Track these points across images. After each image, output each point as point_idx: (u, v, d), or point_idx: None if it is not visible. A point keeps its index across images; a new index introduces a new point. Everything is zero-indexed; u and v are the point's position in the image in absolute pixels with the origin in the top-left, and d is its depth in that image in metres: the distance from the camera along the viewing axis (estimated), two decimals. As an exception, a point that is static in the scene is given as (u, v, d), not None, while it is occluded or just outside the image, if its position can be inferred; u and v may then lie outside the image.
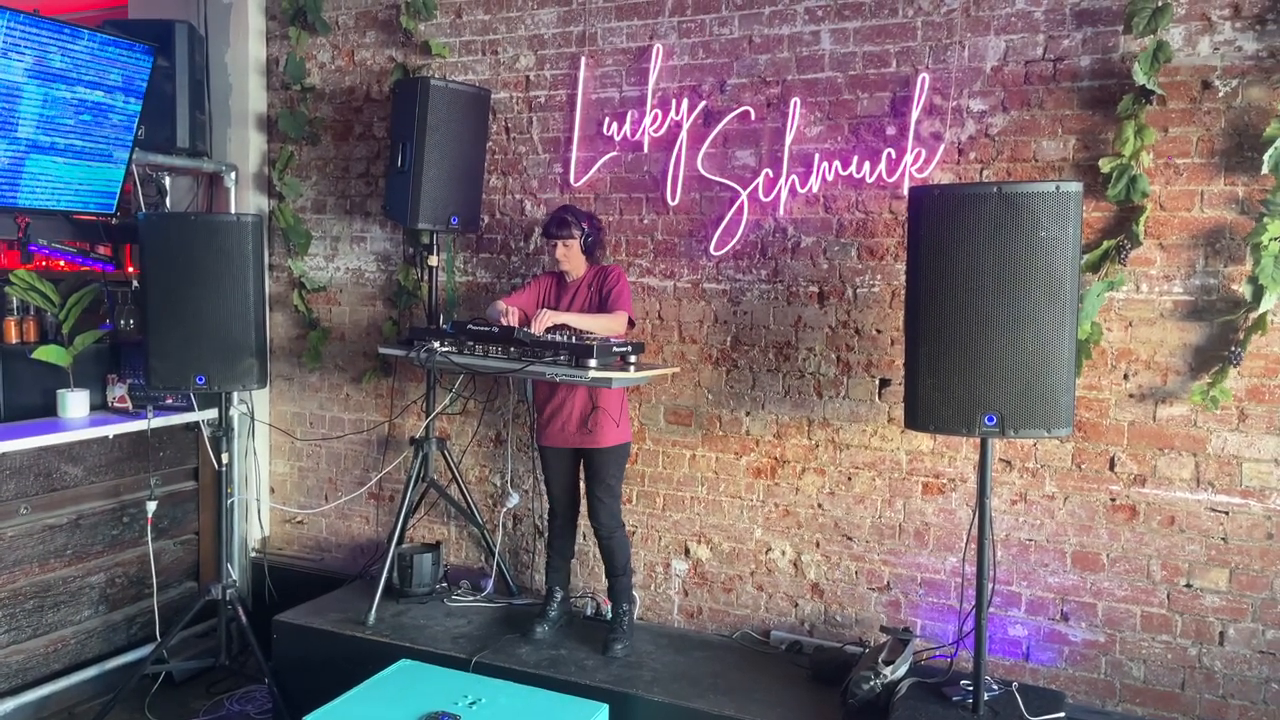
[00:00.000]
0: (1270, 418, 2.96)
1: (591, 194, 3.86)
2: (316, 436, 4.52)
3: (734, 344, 3.66)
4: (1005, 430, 2.67)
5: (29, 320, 3.97)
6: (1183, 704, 3.10)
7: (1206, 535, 3.05)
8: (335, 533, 4.53)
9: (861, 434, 3.48)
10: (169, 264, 3.56)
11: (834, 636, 3.54)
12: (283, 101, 4.46)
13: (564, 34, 3.88)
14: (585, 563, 3.93)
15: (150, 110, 3.85)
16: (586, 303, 3.54)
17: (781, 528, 3.61)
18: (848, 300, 3.47)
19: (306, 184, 4.47)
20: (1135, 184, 3.00)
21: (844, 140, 3.44)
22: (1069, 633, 3.22)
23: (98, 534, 3.90)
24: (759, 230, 3.59)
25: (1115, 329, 3.12)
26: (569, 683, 3.23)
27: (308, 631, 3.70)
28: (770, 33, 3.53)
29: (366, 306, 4.39)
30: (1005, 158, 3.24)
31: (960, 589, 3.29)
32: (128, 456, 3.97)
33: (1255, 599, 3.00)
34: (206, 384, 3.60)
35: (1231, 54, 2.95)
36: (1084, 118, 3.13)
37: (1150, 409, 3.10)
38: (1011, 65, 3.21)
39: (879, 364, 3.43)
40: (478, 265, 4.13)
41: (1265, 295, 2.85)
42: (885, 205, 3.40)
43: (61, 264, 4.23)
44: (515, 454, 4.08)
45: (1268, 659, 2.99)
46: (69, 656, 3.80)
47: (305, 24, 4.31)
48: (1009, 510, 3.27)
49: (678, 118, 3.67)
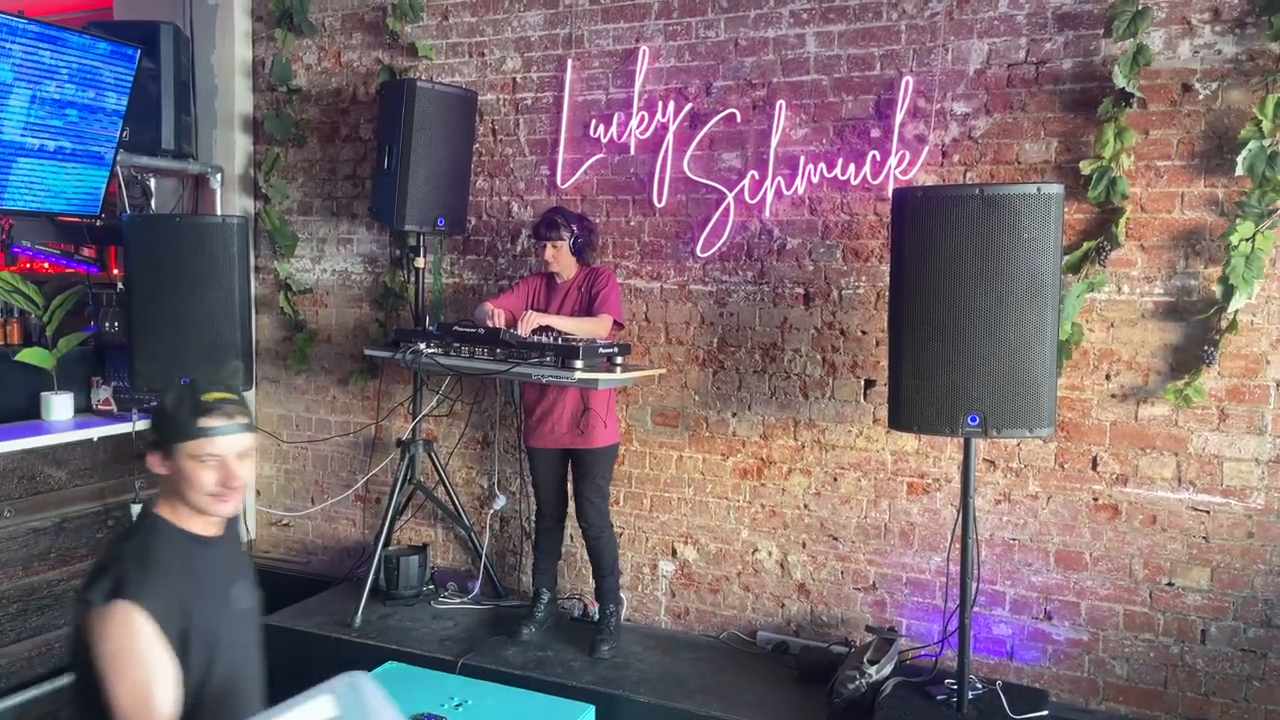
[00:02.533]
0: (1250, 417, 2.99)
1: (578, 196, 3.87)
2: (303, 439, 4.51)
3: (720, 345, 3.67)
4: (988, 430, 2.68)
5: (12, 322, 3.95)
6: (1165, 702, 3.12)
7: (1188, 534, 3.07)
8: (321, 535, 4.52)
9: (847, 435, 3.49)
10: (154, 266, 3.55)
11: (820, 636, 3.55)
12: (269, 103, 4.45)
13: (550, 36, 3.89)
14: (572, 564, 3.93)
15: (135, 112, 3.83)
16: (576, 304, 3.54)
17: (768, 528, 3.63)
18: (833, 301, 3.49)
19: (293, 186, 4.46)
20: (1115, 186, 3.02)
21: (829, 142, 3.46)
22: (1052, 631, 3.24)
23: (82, 537, 3.88)
24: (745, 232, 3.60)
25: (1097, 329, 3.15)
26: (556, 684, 3.24)
27: (293, 634, 3.69)
28: (756, 35, 3.55)
29: (353, 308, 4.38)
30: (988, 160, 3.26)
31: (945, 588, 3.31)
32: (112, 459, 3.95)
33: (1236, 597, 3.03)
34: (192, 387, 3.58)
35: (1211, 57, 2.98)
36: (1066, 120, 3.15)
37: (1132, 409, 3.12)
38: (994, 68, 3.24)
39: (864, 365, 3.45)
40: (464, 267, 4.13)
41: (1235, 295, 2.88)
42: (870, 207, 3.42)
43: (45, 266, 4.21)
44: (502, 456, 4.08)
45: (1249, 657, 3.02)
46: (53, 660, 3.77)
47: (291, 26, 4.31)
48: (993, 510, 3.29)
49: (664, 120, 3.68)
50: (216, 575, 1.95)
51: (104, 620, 1.74)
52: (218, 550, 1.98)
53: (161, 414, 1.91)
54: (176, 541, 1.90)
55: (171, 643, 1.77)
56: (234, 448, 1.89)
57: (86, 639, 1.76)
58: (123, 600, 1.74)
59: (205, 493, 1.88)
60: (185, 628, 1.80)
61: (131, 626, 1.73)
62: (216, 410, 1.88)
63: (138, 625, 1.73)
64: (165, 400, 1.91)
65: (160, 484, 1.94)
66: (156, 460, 1.90)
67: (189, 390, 1.91)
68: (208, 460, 1.87)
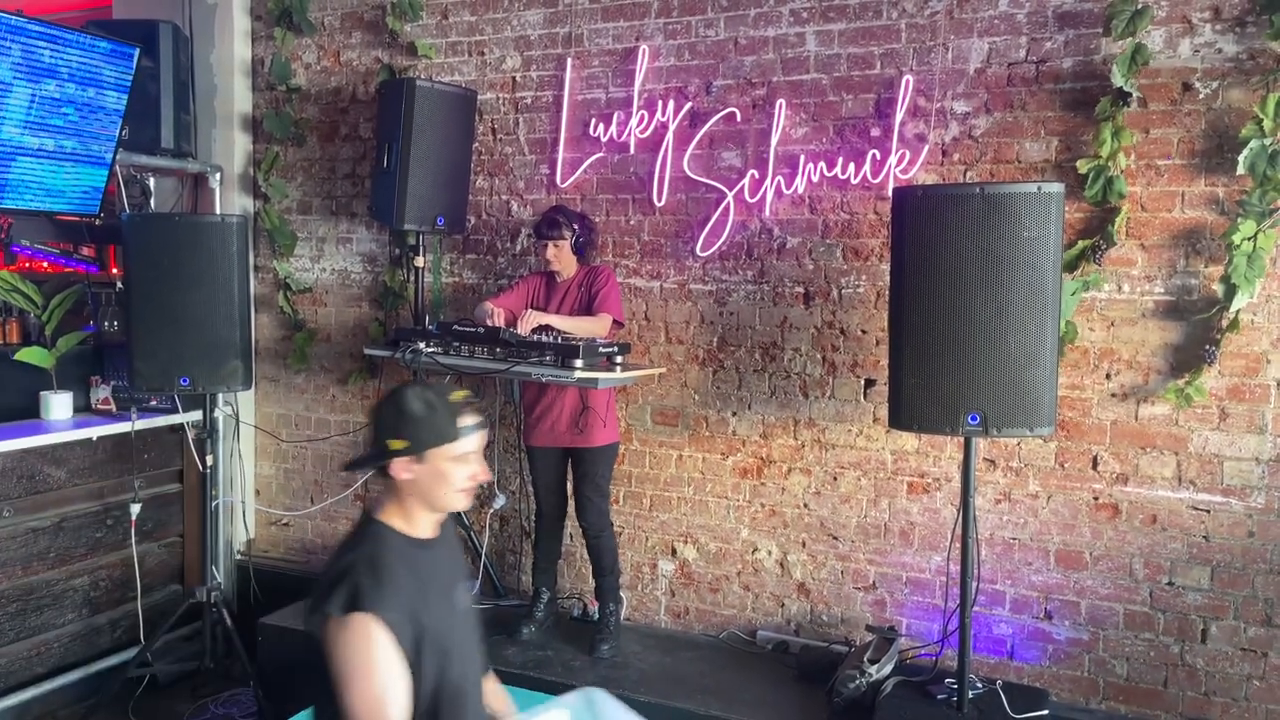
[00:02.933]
0: (1251, 416, 2.98)
1: (578, 195, 3.86)
2: (302, 438, 4.50)
3: (720, 344, 3.67)
4: (989, 429, 2.68)
5: (11, 322, 3.95)
6: (1165, 701, 3.12)
7: (1188, 533, 3.07)
8: (321, 535, 4.51)
9: (847, 434, 3.49)
10: (153, 265, 3.54)
11: (820, 636, 3.55)
12: (268, 102, 4.45)
13: (550, 35, 3.89)
14: (572, 564, 3.92)
15: (135, 111, 3.82)
16: (576, 303, 3.54)
17: (768, 528, 3.62)
18: (833, 301, 3.48)
19: (292, 185, 4.45)
20: (1112, 185, 3.02)
21: (829, 141, 3.46)
22: (1053, 631, 3.24)
23: (81, 537, 3.88)
24: (745, 231, 3.60)
25: (1098, 329, 3.14)
26: (555, 683, 3.22)
27: (293, 634, 3.68)
28: (756, 34, 3.55)
29: (352, 308, 4.38)
30: (988, 159, 3.26)
31: (945, 588, 3.31)
32: (111, 459, 3.94)
33: (1236, 596, 3.02)
34: (191, 386, 3.59)
35: (1212, 56, 2.97)
36: (1066, 119, 3.15)
37: (1132, 408, 3.12)
38: (994, 67, 3.23)
39: (864, 364, 3.45)
40: (464, 266, 4.13)
41: (1237, 294, 2.87)
42: (870, 206, 3.41)
43: (45, 265, 4.20)
44: (502, 455, 4.08)
45: (1249, 656, 3.02)
46: (52, 660, 3.77)
47: (291, 25, 4.30)
48: (993, 509, 3.29)
49: (664, 119, 3.68)
50: (440, 578, 1.98)
51: (342, 632, 1.76)
52: (438, 553, 2.00)
53: (412, 420, 1.89)
54: (402, 548, 1.91)
55: (406, 651, 1.80)
56: (481, 443, 1.96)
57: (323, 651, 1.78)
58: (360, 612, 1.76)
59: (456, 489, 1.93)
60: (418, 635, 1.82)
61: (370, 637, 1.75)
62: (469, 409, 1.94)
63: (375, 636, 1.76)
64: (409, 406, 1.90)
65: (386, 490, 1.96)
66: (403, 466, 1.90)
67: (432, 392, 1.93)
68: (463, 459, 1.92)
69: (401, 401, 1.91)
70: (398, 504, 1.95)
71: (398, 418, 1.90)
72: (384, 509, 1.96)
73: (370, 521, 1.95)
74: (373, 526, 1.93)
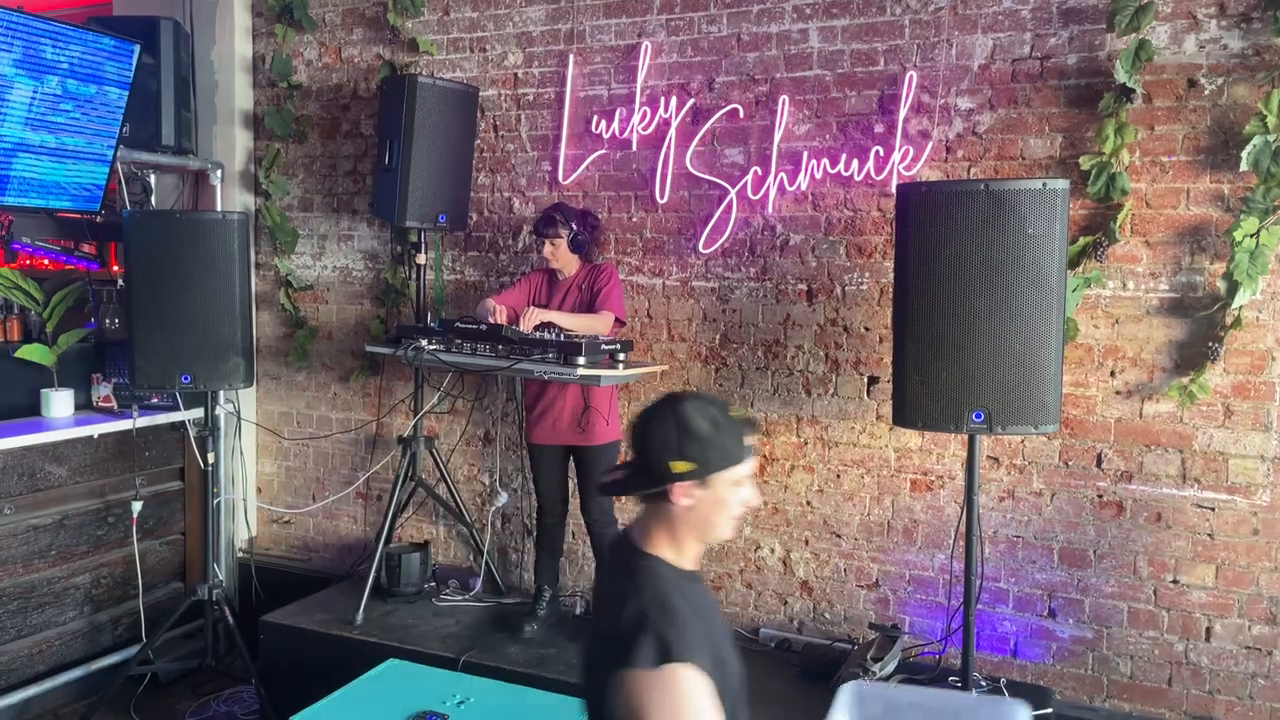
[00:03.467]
0: (1256, 414, 2.97)
1: (580, 192, 3.85)
2: (304, 436, 4.50)
3: (723, 342, 3.66)
4: (993, 427, 2.67)
5: (12, 319, 3.94)
6: (1169, 699, 3.11)
7: (1193, 531, 3.06)
8: (323, 532, 4.51)
9: (850, 431, 3.48)
10: (154, 262, 3.53)
11: (823, 634, 3.54)
12: (269, 99, 4.44)
13: (552, 31, 3.87)
14: (574, 561, 3.92)
15: (135, 107, 3.81)
16: (578, 301, 3.53)
17: (770, 525, 3.61)
18: (836, 298, 3.47)
19: (293, 182, 4.44)
20: (1115, 182, 3.01)
21: (832, 138, 3.45)
22: (1056, 629, 3.23)
23: (83, 534, 3.87)
24: (748, 228, 3.59)
25: (1102, 326, 3.13)
26: (558, 681, 3.22)
27: (294, 632, 3.68)
28: (758, 31, 3.53)
29: (354, 305, 4.37)
30: (992, 155, 3.25)
31: (948, 586, 3.30)
32: (113, 456, 3.94)
33: (1241, 594, 3.02)
34: (192, 383, 3.58)
35: (1217, 52, 2.96)
36: (1070, 115, 3.14)
37: (1137, 406, 3.11)
38: (999, 63, 3.22)
39: (867, 361, 3.44)
40: (466, 263, 4.12)
41: (1240, 291, 2.87)
42: (873, 203, 3.40)
43: (45, 262, 4.20)
44: (504, 452, 4.07)
45: (1254, 654, 3.01)
46: (53, 658, 3.77)
47: (292, 21, 4.29)
48: (997, 507, 3.28)
49: (666, 115, 3.67)
50: (714, 612, 1.81)
51: (658, 687, 1.55)
52: (704, 584, 1.82)
53: (699, 439, 1.65)
54: (680, 583, 1.70)
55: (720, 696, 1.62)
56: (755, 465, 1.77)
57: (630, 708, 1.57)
58: (675, 662, 1.56)
59: (731, 517, 1.71)
60: (720, 676, 1.64)
61: (691, 688, 1.56)
62: (750, 426, 1.72)
63: (696, 686, 1.57)
64: (694, 423, 1.66)
65: (653, 517, 1.72)
66: (685, 491, 1.66)
67: (715, 408, 1.69)
68: (742, 482, 1.70)
69: (685, 417, 1.66)
70: (668, 534, 1.71)
71: (682, 436, 1.66)
72: (652, 539, 1.72)
73: (641, 555, 1.71)
74: (646, 561, 1.70)
